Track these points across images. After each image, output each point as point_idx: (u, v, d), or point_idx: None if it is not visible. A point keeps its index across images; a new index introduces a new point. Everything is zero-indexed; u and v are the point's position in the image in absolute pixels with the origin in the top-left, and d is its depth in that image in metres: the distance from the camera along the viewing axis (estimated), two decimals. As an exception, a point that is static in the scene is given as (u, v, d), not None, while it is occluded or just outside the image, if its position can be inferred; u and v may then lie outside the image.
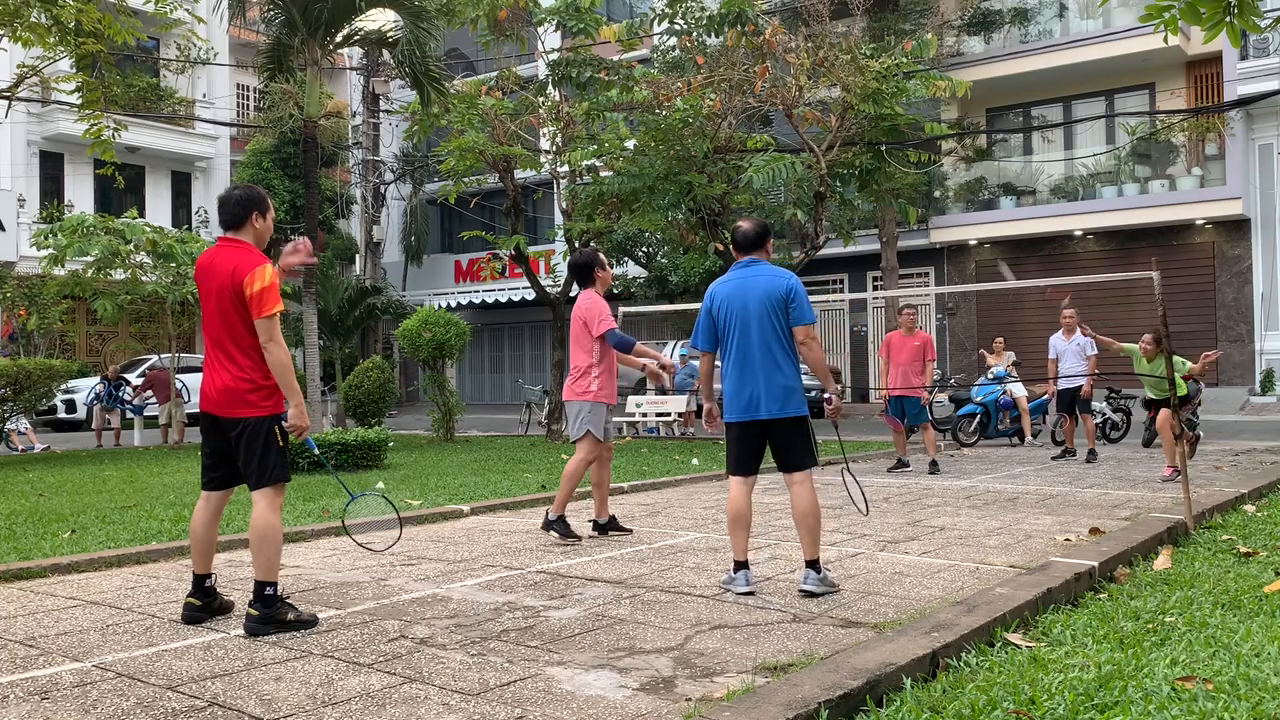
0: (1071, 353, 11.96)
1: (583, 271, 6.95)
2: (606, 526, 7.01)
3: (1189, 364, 10.24)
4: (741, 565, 5.22)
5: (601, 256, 7.07)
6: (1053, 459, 12.20)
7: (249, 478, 4.57)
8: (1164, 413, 9.82)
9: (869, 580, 5.37)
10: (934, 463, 11.15)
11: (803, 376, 5.46)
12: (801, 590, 5.06)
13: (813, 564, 5.10)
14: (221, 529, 6.96)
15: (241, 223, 4.63)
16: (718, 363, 5.48)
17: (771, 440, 5.29)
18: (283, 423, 4.58)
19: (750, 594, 5.09)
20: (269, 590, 4.43)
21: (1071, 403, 12.01)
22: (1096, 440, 12.62)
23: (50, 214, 24.21)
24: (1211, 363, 11.32)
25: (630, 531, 7.10)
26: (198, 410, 4.77)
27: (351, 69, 30.29)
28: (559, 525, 6.73)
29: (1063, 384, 11.95)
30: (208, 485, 4.72)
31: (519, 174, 18.26)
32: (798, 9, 19.57)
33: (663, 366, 6.88)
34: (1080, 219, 22.29)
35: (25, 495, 9.71)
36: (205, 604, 4.67)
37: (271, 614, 4.39)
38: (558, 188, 18.91)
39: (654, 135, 14.93)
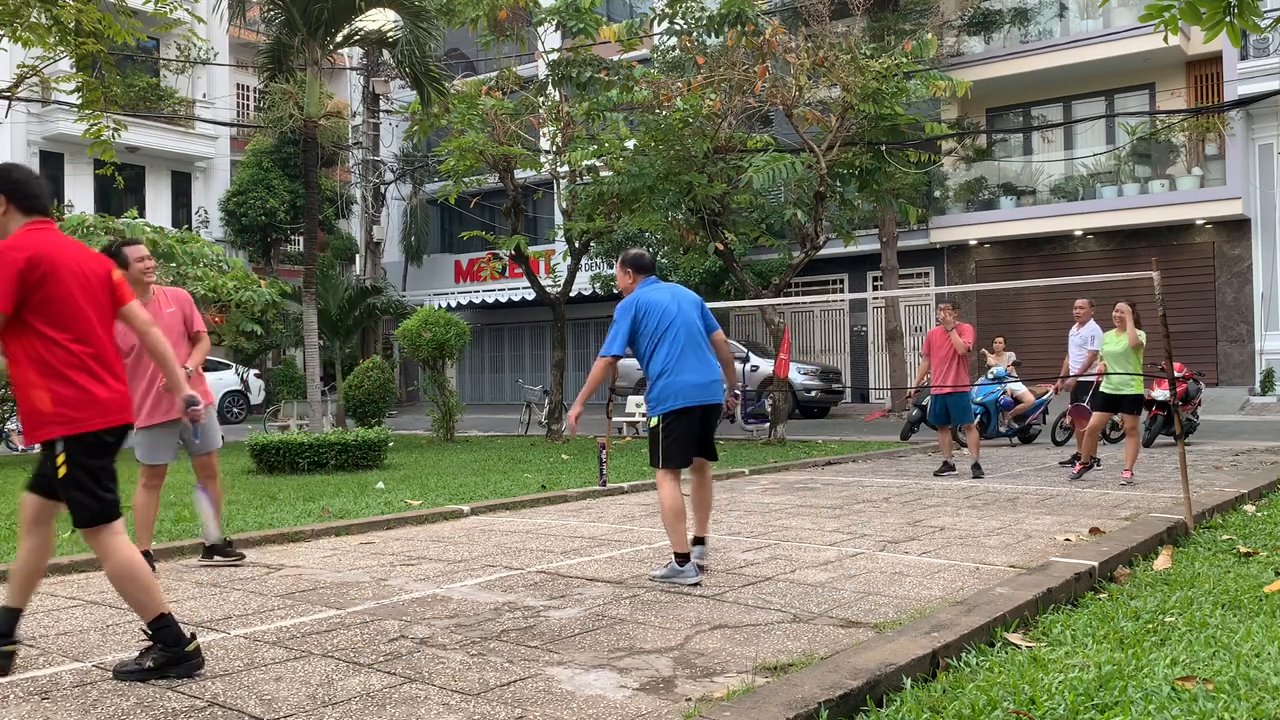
0: (1074, 345, 11.26)
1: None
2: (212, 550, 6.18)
3: (1141, 335, 9.57)
4: (684, 557, 5.33)
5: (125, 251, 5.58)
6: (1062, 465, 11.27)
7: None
8: (1128, 418, 9.73)
9: (869, 580, 5.37)
10: (976, 464, 10.40)
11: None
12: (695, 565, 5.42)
13: (700, 540, 5.66)
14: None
15: None
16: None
17: (704, 428, 5.60)
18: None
19: (698, 584, 5.27)
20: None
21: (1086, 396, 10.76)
22: (1098, 441, 12.51)
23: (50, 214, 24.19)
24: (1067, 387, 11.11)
25: (243, 557, 6.19)
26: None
27: (351, 69, 30.28)
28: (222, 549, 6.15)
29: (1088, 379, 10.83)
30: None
31: (519, 174, 18.25)
32: (798, 9, 19.56)
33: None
34: (1080, 219, 22.27)
35: (25, 495, 9.69)
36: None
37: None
38: (558, 188, 18.90)
39: (654, 135, 14.91)
